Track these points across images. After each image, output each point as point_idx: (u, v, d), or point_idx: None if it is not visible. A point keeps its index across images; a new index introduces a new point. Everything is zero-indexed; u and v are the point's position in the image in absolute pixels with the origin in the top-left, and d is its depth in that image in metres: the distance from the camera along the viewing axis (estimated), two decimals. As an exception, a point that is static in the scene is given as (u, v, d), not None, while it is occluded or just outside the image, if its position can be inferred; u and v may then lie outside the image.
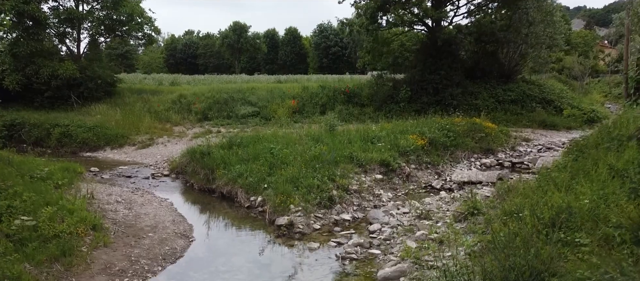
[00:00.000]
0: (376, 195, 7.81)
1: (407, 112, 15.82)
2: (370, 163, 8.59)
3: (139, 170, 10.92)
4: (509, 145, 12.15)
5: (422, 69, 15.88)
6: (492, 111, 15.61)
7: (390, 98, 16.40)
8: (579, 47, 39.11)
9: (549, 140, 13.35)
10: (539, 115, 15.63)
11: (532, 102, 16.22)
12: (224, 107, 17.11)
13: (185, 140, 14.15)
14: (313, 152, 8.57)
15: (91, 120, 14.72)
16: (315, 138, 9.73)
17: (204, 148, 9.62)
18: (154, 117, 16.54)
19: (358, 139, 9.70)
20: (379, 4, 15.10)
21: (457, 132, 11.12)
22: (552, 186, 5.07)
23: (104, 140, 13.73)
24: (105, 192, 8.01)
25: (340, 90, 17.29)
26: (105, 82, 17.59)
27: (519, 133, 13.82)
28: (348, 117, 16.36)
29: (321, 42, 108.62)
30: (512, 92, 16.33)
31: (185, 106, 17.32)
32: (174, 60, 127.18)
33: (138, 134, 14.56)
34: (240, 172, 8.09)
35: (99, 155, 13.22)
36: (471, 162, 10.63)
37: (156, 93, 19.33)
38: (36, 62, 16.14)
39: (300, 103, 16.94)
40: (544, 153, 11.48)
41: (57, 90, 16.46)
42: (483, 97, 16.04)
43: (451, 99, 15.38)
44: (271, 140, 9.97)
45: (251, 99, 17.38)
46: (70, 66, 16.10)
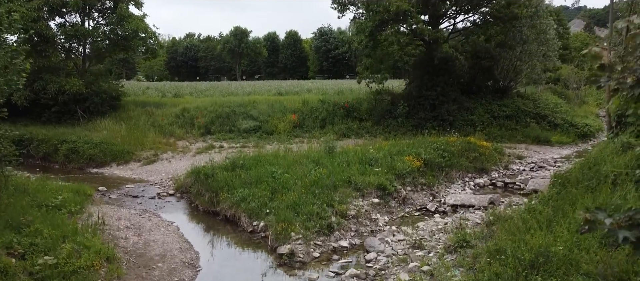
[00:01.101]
0: (373, 220, 8.20)
1: (405, 127, 16.26)
2: (368, 187, 8.98)
3: (144, 188, 11.32)
4: (503, 163, 12.54)
5: (419, 85, 16.30)
6: (488, 126, 16.04)
7: (388, 113, 16.81)
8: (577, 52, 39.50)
9: (541, 157, 13.75)
10: (533, 130, 16.03)
11: (527, 117, 16.62)
12: (226, 121, 17.52)
13: (189, 156, 14.56)
14: (313, 176, 8.96)
15: (97, 136, 15.13)
16: (315, 161, 10.11)
17: (208, 170, 10.02)
18: (158, 131, 16.97)
19: (356, 161, 10.09)
20: (377, 23, 15.53)
21: (452, 152, 11.52)
22: (535, 223, 5.47)
23: (110, 156, 14.14)
24: (115, 216, 8.41)
25: (339, 105, 17.71)
26: (110, 96, 18.02)
27: (512, 150, 14.22)
28: (347, 131, 16.79)
29: (321, 45, 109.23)
30: (507, 107, 16.74)
31: (189, 120, 17.74)
32: (175, 63, 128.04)
33: (143, 149, 14.97)
34: (243, 196, 8.49)
35: (105, 171, 13.62)
36: (465, 182, 11.02)
37: (160, 106, 19.76)
38: (44, 77, 16.57)
39: (300, 118, 17.35)
40: (536, 172, 11.87)
41: (63, 105, 16.89)
42: (479, 112, 16.45)
43: (448, 115, 15.79)
44: (273, 161, 10.37)
45: (253, 113, 17.80)
46: (76, 82, 16.53)
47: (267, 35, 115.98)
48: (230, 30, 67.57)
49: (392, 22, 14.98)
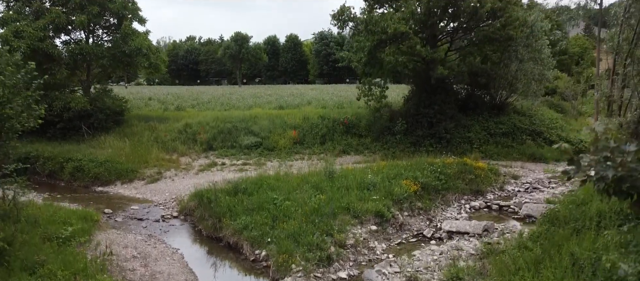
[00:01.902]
0: (371, 248, 8.50)
1: (403, 144, 16.58)
2: (366, 214, 9.29)
3: (149, 210, 11.62)
4: (498, 184, 12.84)
5: (417, 102, 16.62)
6: (484, 144, 16.35)
7: (387, 129, 17.13)
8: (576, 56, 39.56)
9: (536, 176, 14.04)
10: (529, 148, 16.34)
11: (523, 134, 16.93)
12: (227, 137, 17.84)
13: (192, 174, 14.88)
14: (313, 204, 9.26)
15: (102, 154, 15.45)
16: (315, 186, 10.41)
17: (211, 195, 10.33)
18: (161, 147, 17.29)
19: (355, 186, 10.39)
20: (376, 43, 15.86)
21: (448, 175, 11.82)
22: (524, 264, 5.77)
23: (114, 174, 14.45)
24: (122, 243, 8.71)
25: (339, 120, 18.02)
26: (114, 111, 18.36)
27: (508, 168, 14.52)
28: (347, 148, 17.11)
29: (322, 49, 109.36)
30: (503, 124, 17.06)
31: (191, 136, 18.06)
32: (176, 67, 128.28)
33: (147, 167, 15.29)
34: (246, 224, 8.80)
35: (110, 190, 13.94)
36: (461, 205, 11.32)
37: (162, 120, 20.09)
38: (49, 95, 16.87)
39: (301, 134, 17.67)
40: (531, 194, 12.17)
41: (68, 121, 17.22)
42: (475, 129, 16.77)
43: (445, 133, 16.11)
44: (274, 185, 10.67)
45: (254, 129, 18.11)
46: (81, 99, 16.87)
47: (267, 39, 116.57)
48: (231, 36, 67.91)
49: (390, 42, 15.31)
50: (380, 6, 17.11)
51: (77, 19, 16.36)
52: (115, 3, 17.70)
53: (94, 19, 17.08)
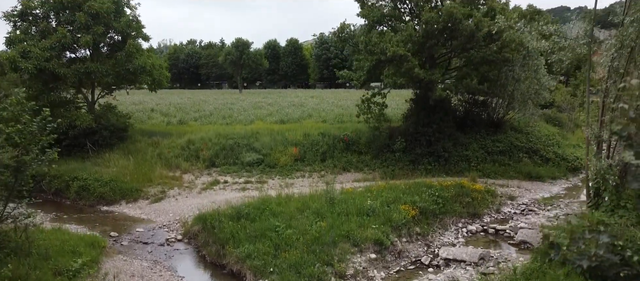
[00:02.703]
0: (370, 278, 8.79)
1: (402, 162, 16.88)
2: (365, 242, 9.57)
3: (154, 233, 11.91)
4: (495, 206, 13.13)
5: (416, 121, 16.93)
6: (482, 162, 16.66)
7: (386, 147, 17.43)
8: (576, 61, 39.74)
9: (532, 196, 14.34)
10: (525, 166, 16.64)
11: (519, 152, 17.24)
12: (230, 154, 18.14)
13: (195, 193, 15.17)
14: (314, 232, 9.56)
15: (107, 172, 15.75)
16: (316, 212, 10.70)
17: (214, 220, 10.63)
18: (165, 164, 17.60)
19: (355, 212, 10.69)
20: (375, 64, 16.20)
21: (446, 198, 12.12)
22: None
23: (119, 194, 14.75)
24: (128, 272, 9.00)
25: (339, 137, 18.33)
26: (118, 128, 18.68)
27: (505, 188, 14.82)
28: (347, 165, 17.41)
29: (322, 53, 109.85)
30: (500, 142, 17.37)
31: (194, 152, 18.36)
32: (177, 70, 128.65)
33: (150, 185, 15.59)
34: (249, 252, 9.08)
35: (115, 209, 14.23)
36: (458, 229, 11.61)
37: (165, 135, 20.40)
38: (55, 113, 17.18)
39: (301, 150, 17.97)
40: (526, 217, 12.45)
41: (74, 138, 17.55)
42: (473, 147, 17.07)
43: (443, 151, 16.41)
44: (276, 210, 10.97)
45: (255, 146, 18.42)
46: (86, 117, 17.19)
47: (267, 43, 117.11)
48: (232, 42, 68.31)
49: (389, 63, 15.63)
50: (379, 25, 17.44)
51: (82, 39, 16.69)
52: (119, 22, 18.05)
53: (98, 38, 17.42)
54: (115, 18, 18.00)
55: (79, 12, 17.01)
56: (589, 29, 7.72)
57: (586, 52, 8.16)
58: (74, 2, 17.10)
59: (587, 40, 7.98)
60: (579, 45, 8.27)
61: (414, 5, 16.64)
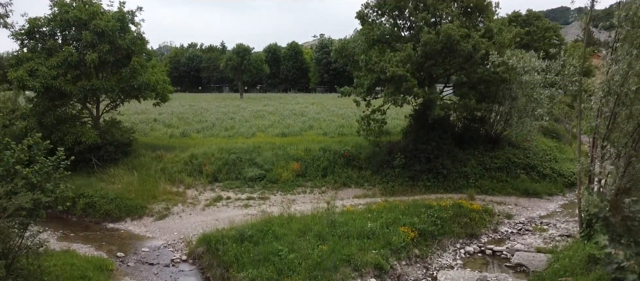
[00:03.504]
0: (370, 304, 9.09)
1: (402, 178, 17.20)
2: (366, 266, 9.87)
3: (159, 253, 12.22)
4: (492, 225, 13.44)
5: (415, 138, 17.25)
6: (480, 179, 16.98)
7: (386, 163, 17.75)
8: None
9: (529, 215, 14.65)
10: (523, 183, 16.96)
11: (517, 168, 17.56)
12: (232, 169, 18.45)
13: (198, 210, 15.48)
14: (315, 256, 9.85)
15: (112, 189, 16.07)
16: (317, 234, 11.01)
17: (218, 243, 10.94)
18: (168, 179, 17.92)
19: (355, 235, 10.99)
20: (374, 82, 16.54)
21: (444, 219, 12.42)
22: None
23: (125, 211, 15.06)
24: (137, 296, 9.32)
25: (340, 153, 18.64)
26: (122, 143, 19.02)
27: (502, 206, 15.13)
28: (347, 181, 17.72)
29: (322, 58, 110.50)
30: (498, 159, 17.68)
31: (197, 167, 18.67)
32: (178, 74, 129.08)
33: (155, 201, 15.90)
34: (252, 278, 9.37)
35: (121, 227, 14.55)
36: (456, 250, 11.92)
37: (169, 149, 20.72)
38: (61, 129, 17.57)
39: (303, 166, 18.28)
40: (523, 238, 12.74)
41: (79, 154, 17.82)
42: (471, 164, 17.39)
43: (442, 168, 16.73)
44: (278, 232, 11.27)
45: (258, 161, 18.73)
46: (92, 133, 17.51)
47: (268, 47, 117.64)
48: (233, 48, 68.68)
49: (389, 82, 15.97)
50: (379, 43, 17.77)
51: (88, 57, 17.02)
52: (124, 39, 18.39)
53: (104, 56, 17.75)
54: (120, 35, 18.34)
55: (85, 31, 17.36)
56: (579, 69, 8.04)
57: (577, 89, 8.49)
58: (80, 21, 17.45)
59: (579, 87, 8.31)
60: (570, 82, 8.60)
61: (412, 24, 16.99)
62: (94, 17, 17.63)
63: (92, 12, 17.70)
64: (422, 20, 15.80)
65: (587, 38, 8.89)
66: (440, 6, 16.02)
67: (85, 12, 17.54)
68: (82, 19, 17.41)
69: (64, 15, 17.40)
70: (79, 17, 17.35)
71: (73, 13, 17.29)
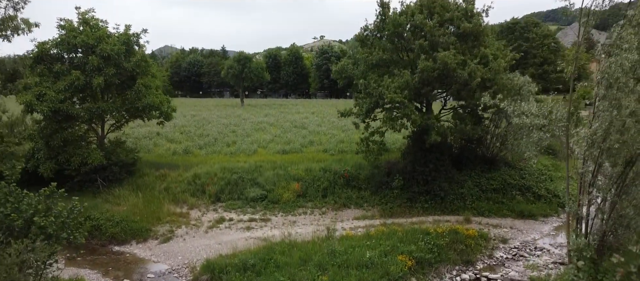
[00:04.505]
0: (368, 336, 9.49)
1: (400, 199, 17.60)
2: (364, 298, 10.29)
3: (165, 279, 12.62)
4: (488, 251, 13.83)
5: (413, 160, 17.66)
6: (476, 200, 17.38)
7: (385, 184, 18.16)
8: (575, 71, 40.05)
9: (523, 239, 15.03)
10: (518, 204, 17.35)
11: (513, 189, 17.97)
12: (234, 189, 18.86)
13: (202, 232, 15.87)
14: (316, 289, 10.27)
15: (118, 212, 16.48)
16: (318, 264, 11.40)
17: (222, 273, 11.35)
18: (172, 199, 18.35)
19: (354, 264, 11.39)
20: (373, 105, 16.98)
21: (441, 246, 12.82)
22: None
23: (130, 234, 15.47)
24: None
25: (340, 173, 19.06)
26: (127, 163, 19.46)
27: (498, 229, 15.53)
28: (347, 202, 18.13)
29: (322, 63, 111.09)
30: (494, 180, 18.09)
31: (200, 187, 19.09)
32: (179, 78, 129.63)
33: (159, 223, 16.32)
34: (256, 310, 9.81)
35: (126, 250, 14.95)
36: (453, 278, 12.30)
37: (172, 167, 21.14)
38: (68, 150, 18.02)
39: (303, 186, 18.69)
40: (518, 262, 13.14)
41: (85, 175, 18.31)
42: (468, 185, 17.80)
43: (439, 190, 17.14)
44: (280, 260, 11.69)
45: (259, 181, 19.15)
46: (98, 155, 17.95)
47: (268, 52, 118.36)
48: (234, 56, 69.21)
49: (387, 110, 16.40)
50: (378, 67, 18.19)
51: (95, 81, 17.48)
52: (130, 62, 18.87)
53: (110, 79, 18.22)
54: (126, 58, 18.82)
55: (92, 55, 17.84)
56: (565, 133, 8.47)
57: (563, 134, 8.92)
58: (87, 45, 17.93)
59: (566, 132, 8.74)
60: (557, 127, 9.03)
61: (411, 48, 17.41)
62: (101, 41, 18.12)
63: (98, 36, 18.18)
64: (419, 47, 16.24)
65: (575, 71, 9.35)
66: (437, 33, 16.46)
67: (92, 37, 18.02)
68: (89, 43, 17.88)
69: (72, 40, 17.88)
70: (87, 42, 17.83)
71: (81, 38, 17.77)
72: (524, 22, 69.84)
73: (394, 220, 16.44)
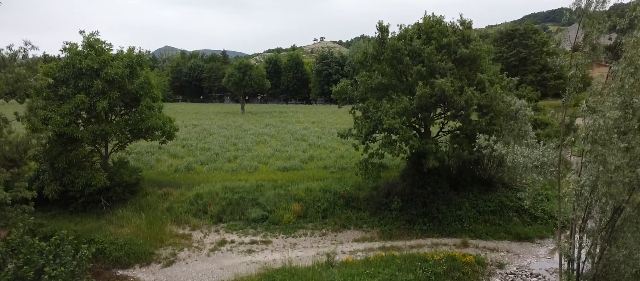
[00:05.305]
0: None
1: (399, 221, 17.90)
2: (363, 330, 10.58)
3: (168, 306, 12.91)
4: (485, 277, 14.11)
5: (412, 183, 17.97)
6: (474, 223, 17.67)
7: (384, 205, 18.46)
8: None
9: (520, 263, 15.32)
10: (515, 226, 17.65)
11: (510, 211, 18.27)
12: (236, 209, 19.16)
13: (204, 255, 16.16)
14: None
15: (122, 235, 16.78)
16: (318, 294, 11.72)
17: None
18: (174, 220, 18.65)
19: (353, 294, 11.71)
20: (371, 129, 17.30)
21: (438, 274, 13.12)
22: None
23: (133, 257, 15.76)
24: None
25: (339, 194, 19.37)
26: (130, 184, 19.76)
27: (495, 253, 15.81)
28: (347, 223, 18.42)
29: (322, 69, 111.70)
30: (491, 202, 18.39)
31: (202, 207, 19.40)
32: (180, 83, 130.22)
33: (162, 246, 16.62)
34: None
35: (130, 274, 15.23)
36: (449, 306, 12.60)
37: (174, 185, 21.45)
38: (72, 172, 18.33)
39: (304, 207, 19.00)
40: (513, 290, 13.44)
41: (89, 196, 18.60)
42: (466, 207, 18.10)
43: (437, 213, 17.44)
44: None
45: (260, 201, 19.45)
46: (102, 177, 18.24)
47: (268, 58, 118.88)
48: (235, 65, 69.61)
49: (385, 136, 16.73)
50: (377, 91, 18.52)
51: (99, 105, 17.80)
52: (133, 84, 19.20)
53: (114, 102, 18.54)
54: (129, 80, 19.15)
55: (97, 79, 18.17)
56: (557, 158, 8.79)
57: (555, 178, 9.23)
58: (91, 69, 18.26)
59: (557, 178, 9.05)
60: (549, 172, 9.34)
61: (409, 76, 17.73)
62: (105, 65, 18.46)
63: (103, 60, 18.52)
64: (417, 72, 16.57)
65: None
66: (435, 58, 16.79)
67: (96, 60, 18.36)
68: (94, 67, 18.22)
69: (77, 64, 18.21)
70: (91, 66, 18.17)
71: (86, 62, 18.11)
72: (523, 29, 70.49)
73: (393, 243, 16.75)
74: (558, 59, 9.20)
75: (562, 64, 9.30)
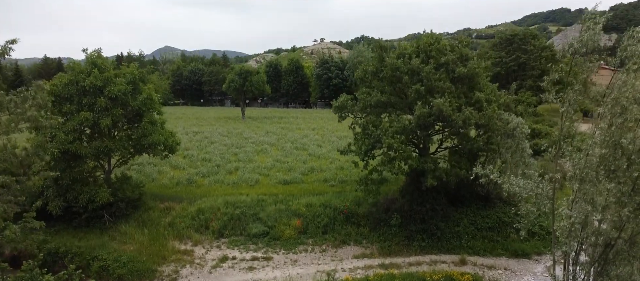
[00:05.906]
0: None
1: (399, 237, 18.15)
2: None
3: (171, 326, 13.15)
4: (481, 296, 14.36)
5: (410, 200, 18.23)
6: (472, 239, 17.92)
7: (383, 221, 18.71)
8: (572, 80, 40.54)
9: (517, 281, 15.58)
10: (513, 242, 17.88)
11: (507, 227, 18.50)
12: (237, 224, 19.43)
13: (206, 272, 16.41)
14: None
15: (125, 252, 17.03)
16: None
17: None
18: (176, 235, 18.91)
19: (353, 317, 11.95)
20: (370, 146, 17.57)
21: (436, 294, 13.37)
22: None
23: (136, 275, 15.99)
24: None
25: (340, 209, 19.62)
26: (133, 199, 20.02)
27: (492, 271, 16.06)
28: (347, 238, 18.67)
29: (323, 73, 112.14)
30: (489, 218, 18.63)
31: (203, 222, 19.65)
32: (180, 86, 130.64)
33: (164, 262, 16.87)
34: None
35: (133, 292, 15.49)
36: (447, 326, 12.84)
37: (176, 199, 21.71)
38: (76, 188, 18.59)
39: (304, 222, 19.25)
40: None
41: (92, 211, 18.86)
42: (464, 223, 18.34)
43: (436, 229, 17.69)
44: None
45: (261, 216, 19.71)
46: (105, 194, 18.50)
47: (269, 62, 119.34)
48: (236, 71, 69.92)
49: (384, 154, 16.99)
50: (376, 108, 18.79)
51: (103, 122, 18.08)
52: (136, 100, 19.48)
53: (117, 119, 18.82)
54: (132, 97, 19.44)
55: (101, 97, 18.46)
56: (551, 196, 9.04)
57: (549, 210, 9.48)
58: (95, 87, 18.55)
59: (551, 210, 9.30)
60: (542, 204, 9.59)
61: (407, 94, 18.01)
62: (109, 83, 18.75)
63: (106, 78, 18.81)
64: (416, 92, 16.84)
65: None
66: (434, 78, 17.06)
67: (100, 78, 18.65)
68: (97, 85, 18.51)
69: (81, 82, 18.50)
70: (95, 84, 18.46)
71: (89, 80, 18.40)
72: (522, 34, 70.94)
73: (392, 259, 17.00)
74: (550, 95, 9.49)
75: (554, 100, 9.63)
